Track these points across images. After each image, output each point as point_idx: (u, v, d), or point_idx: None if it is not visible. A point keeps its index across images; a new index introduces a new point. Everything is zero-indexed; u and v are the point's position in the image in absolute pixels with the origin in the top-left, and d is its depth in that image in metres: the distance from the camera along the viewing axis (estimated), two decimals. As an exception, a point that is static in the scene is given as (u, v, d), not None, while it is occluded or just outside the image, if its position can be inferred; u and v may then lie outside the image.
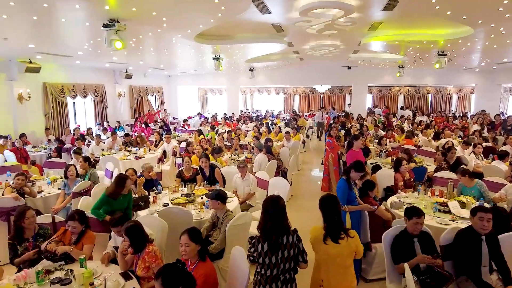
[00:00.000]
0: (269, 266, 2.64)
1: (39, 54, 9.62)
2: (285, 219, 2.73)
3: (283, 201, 2.84)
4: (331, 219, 2.88)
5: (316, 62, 16.41)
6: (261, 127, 11.73)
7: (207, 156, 5.94)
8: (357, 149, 6.30)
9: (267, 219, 2.70)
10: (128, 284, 2.85)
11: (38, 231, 3.52)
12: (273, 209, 2.72)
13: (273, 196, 2.91)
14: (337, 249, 2.81)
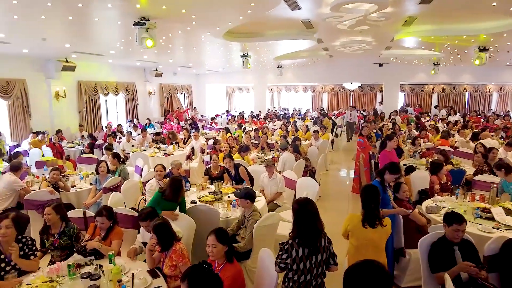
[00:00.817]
0: (303, 271, 2.56)
1: (74, 53, 9.97)
2: (319, 221, 2.66)
3: (314, 203, 2.74)
4: (369, 207, 3.14)
5: (346, 59, 15.99)
6: (288, 126, 11.58)
7: (230, 156, 5.89)
8: (391, 150, 6.04)
9: (301, 223, 2.61)
10: (155, 282, 2.84)
11: (64, 229, 3.51)
12: (307, 212, 2.63)
13: (303, 198, 2.80)
14: (375, 233, 3.10)
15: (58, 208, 3.53)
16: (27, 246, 3.08)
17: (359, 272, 1.57)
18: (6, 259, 2.91)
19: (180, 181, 4.17)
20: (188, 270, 2.18)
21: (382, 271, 1.54)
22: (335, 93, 21.67)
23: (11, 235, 2.92)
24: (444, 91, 19.34)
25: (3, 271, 2.88)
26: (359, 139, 7.57)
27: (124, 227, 3.80)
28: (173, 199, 4.05)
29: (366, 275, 1.54)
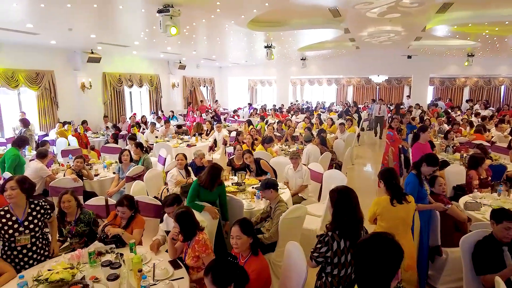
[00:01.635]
0: (344, 265, 2.39)
1: (100, 45, 10.07)
2: (360, 210, 2.50)
3: (355, 192, 2.57)
4: (393, 184, 3.18)
5: (373, 50, 15.43)
6: (311, 118, 11.29)
7: (249, 151, 5.71)
8: (424, 142, 5.69)
9: (342, 213, 2.43)
10: (177, 273, 2.72)
11: (79, 216, 3.47)
12: (348, 202, 2.47)
13: (343, 187, 2.61)
14: (404, 209, 3.12)
15: (75, 194, 3.51)
16: (43, 208, 3.04)
17: (371, 244, 1.51)
18: (18, 220, 2.87)
19: (219, 169, 3.87)
20: (212, 263, 2.03)
21: (394, 242, 1.50)
22: (360, 86, 21.08)
23: (17, 196, 2.85)
24: (477, 84, 18.38)
25: (17, 231, 2.85)
26: (389, 132, 7.22)
27: (146, 216, 3.71)
28: (208, 187, 3.80)
29: (379, 246, 1.48)
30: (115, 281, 2.42)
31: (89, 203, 4.02)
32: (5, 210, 2.88)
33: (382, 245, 1.48)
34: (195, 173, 5.26)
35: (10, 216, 2.86)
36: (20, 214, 2.90)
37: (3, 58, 8.89)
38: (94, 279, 2.57)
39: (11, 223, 2.84)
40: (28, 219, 2.93)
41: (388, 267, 1.45)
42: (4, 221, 2.83)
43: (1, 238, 2.85)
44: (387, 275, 1.45)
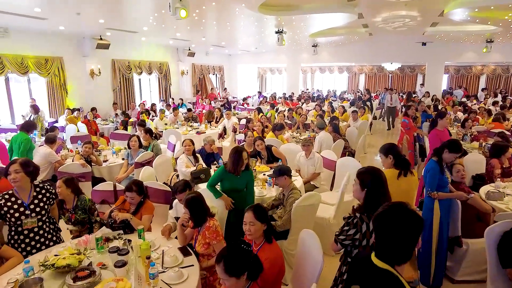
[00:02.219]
0: (372, 246, 2.25)
1: (108, 31, 9.94)
2: (388, 191, 2.40)
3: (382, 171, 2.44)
4: (401, 159, 3.30)
5: (386, 37, 15.02)
6: (323, 106, 11.06)
7: (261, 138, 5.56)
8: (442, 129, 5.42)
9: (377, 194, 2.30)
10: (186, 261, 2.61)
11: (77, 203, 3.38)
12: (379, 182, 2.34)
13: (372, 167, 2.47)
14: (406, 182, 3.23)
15: (69, 182, 3.38)
16: (48, 191, 2.98)
17: (394, 215, 1.53)
18: (24, 203, 2.82)
19: (240, 151, 3.61)
20: (225, 251, 1.91)
21: (413, 211, 1.52)
22: (373, 74, 20.64)
23: (21, 179, 2.78)
24: (495, 72, 17.79)
25: (23, 215, 2.79)
26: (404, 120, 6.99)
27: (156, 202, 3.62)
28: (233, 171, 3.61)
29: (401, 216, 1.51)
30: (123, 268, 2.33)
31: (97, 189, 3.94)
32: (10, 194, 2.81)
33: (403, 214, 1.50)
34: (205, 160, 5.16)
35: (15, 200, 2.79)
36: (25, 198, 2.84)
37: (12, 44, 8.83)
38: (101, 266, 2.49)
39: (16, 207, 2.78)
40: (34, 202, 2.86)
41: (411, 235, 1.48)
42: (9, 204, 2.76)
43: (7, 222, 2.80)
44: (410, 243, 1.49)
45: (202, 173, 4.46)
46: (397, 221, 1.49)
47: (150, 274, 2.24)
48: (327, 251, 3.96)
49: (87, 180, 4.82)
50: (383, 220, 1.53)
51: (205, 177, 4.46)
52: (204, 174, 4.47)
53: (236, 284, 1.89)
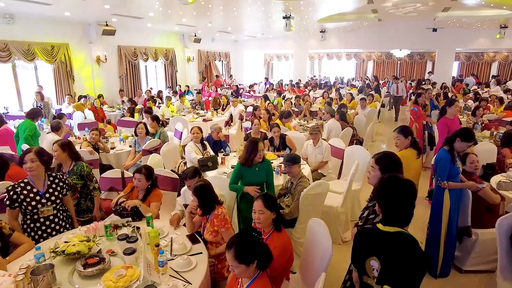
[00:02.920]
0: None
1: (114, 17, 9.84)
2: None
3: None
4: (415, 140, 3.49)
5: (395, 23, 14.71)
6: (330, 93, 10.93)
7: (278, 125, 5.51)
8: (452, 117, 5.30)
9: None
10: (195, 248, 2.62)
11: (73, 167, 3.45)
12: (397, 166, 2.35)
13: (388, 152, 2.47)
14: (419, 161, 3.53)
15: (64, 145, 3.47)
16: (61, 180, 3.03)
17: (392, 183, 1.77)
18: (39, 192, 2.87)
19: (256, 142, 3.40)
20: (236, 238, 1.90)
21: (406, 179, 1.79)
22: (381, 61, 20.33)
23: (37, 168, 2.84)
24: (507, 59, 17.38)
25: (39, 203, 2.85)
26: (413, 108, 6.88)
27: (163, 189, 3.62)
28: (245, 163, 3.42)
29: (398, 183, 1.77)
30: (132, 255, 2.34)
31: (105, 176, 3.96)
32: (25, 182, 2.85)
33: (401, 182, 1.76)
34: (212, 148, 5.15)
35: (30, 188, 2.83)
36: (40, 186, 2.88)
37: (18, 30, 8.80)
38: (110, 253, 2.50)
39: (32, 195, 2.83)
40: (49, 191, 2.92)
41: (411, 198, 1.73)
42: (25, 193, 2.81)
43: (22, 210, 2.84)
44: (411, 205, 1.72)
45: (210, 161, 4.45)
46: (398, 188, 1.73)
47: (159, 262, 2.24)
48: (335, 240, 3.97)
49: (94, 167, 4.82)
50: (387, 190, 1.75)
51: (212, 165, 4.46)
52: (212, 162, 4.46)
53: (245, 272, 1.89)
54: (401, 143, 3.49)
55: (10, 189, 2.78)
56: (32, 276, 2.11)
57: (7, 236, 2.59)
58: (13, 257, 2.50)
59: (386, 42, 16.36)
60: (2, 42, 8.44)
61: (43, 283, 2.13)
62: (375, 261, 1.71)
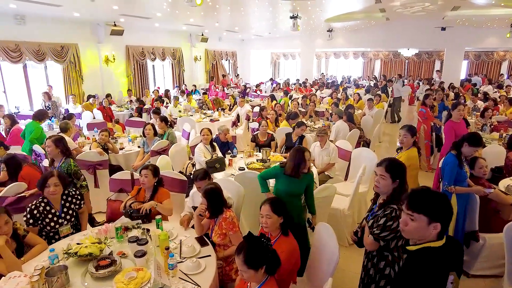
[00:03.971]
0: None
1: (122, 17, 9.93)
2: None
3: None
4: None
5: (403, 22, 14.61)
6: (337, 93, 10.90)
7: (304, 123, 5.55)
8: (457, 120, 5.26)
9: (404, 183, 2.30)
10: (204, 251, 2.67)
11: (61, 164, 3.54)
12: (405, 170, 2.33)
13: (395, 158, 2.44)
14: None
15: (58, 142, 3.54)
16: (73, 197, 3.11)
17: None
18: (57, 212, 2.96)
19: (303, 151, 3.15)
20: (245, 243, 1.94)
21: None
22: (388, 60, 20.19)
23: (59, 192, 2.95)
24: (517, 58, 17.16)
25: (57, 224, 2.95)
26: (421, 109, 6.84)
27: (172, 191, 3.66)
28: (293, 174, 3.14)
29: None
30: (142, 257, 2.40)
31: (115, 177, 4.02)
32: (45, 202, 2.92)
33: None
34: (220, 149, 5.19)
35: (49, 209, 2.93)
36: (57, 207, 2.98)
37: (28, 31, 8.93)
38: (121, 255, 2.56)
39: (51, 216, 2.93)
40: (64, 211, 3.02)
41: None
42: (45, 213, 2.90)
43: (39, 227, 2.89)
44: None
45: (217, 163, 4.50)
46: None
47: (169, 265, 2.30)
48: (342, 242, 3.99)
49: (104, 168, 4.90)
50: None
51: (220, 166, 4.50)
52: (219, 164, 4.50)
53: (254, 277, 1.94)
54: (407, 141, 3.67)
55: (33, 207, 2.86)
56: (47, 277, 2.18)
57: (22, 237, 2.66)
58: (28, 258, 2.56)
59: (393, 41, 16.25)
60: (13, 43, 8.58)
61: (57, 284, 2.20)
62: (452, 274, 1.67)
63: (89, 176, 4.81)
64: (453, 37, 14.70)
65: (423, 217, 1.61)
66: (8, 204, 3.42)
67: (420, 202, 1.64)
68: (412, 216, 1.63)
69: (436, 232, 1.62)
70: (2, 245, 2.37)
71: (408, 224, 1.67)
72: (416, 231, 1.66)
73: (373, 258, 2.35)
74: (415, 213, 1.62)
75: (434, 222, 1.60)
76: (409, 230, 1.68)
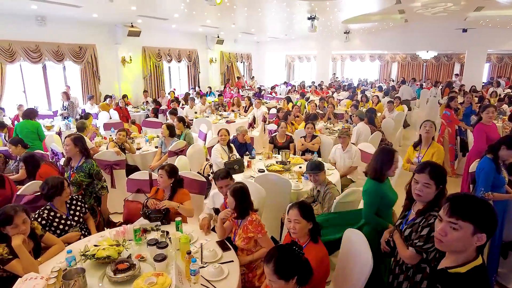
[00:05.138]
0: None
1: (140, 18, 9.95)
2: None
3: None
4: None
5: (423, 24, 14.27)
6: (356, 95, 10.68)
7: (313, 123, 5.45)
8: (488, 123, 5.00)
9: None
10: (226, 256, 2.53)
11: (82, 164, 3.44)
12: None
13: (432, 162, 2.16)
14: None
15: (77, 140, 3.45)
16: (78, 200, 3.10)
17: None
18: (64, 215, 2.94)
19: (393, 151, 2.75)
20: (276, 251, 1.80)
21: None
22: (406, 62, 19.77)
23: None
24: (542, 61, 16.56)
25: (67, 226, 2.93)
26: (446, 111, 6.58)
27: (191, 192, 3.55)
28: (383, 179, 2.72)
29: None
30: (163, 262, 2.27)
31: (132, 177, 3.94)
32: (48, 209, 2.89)
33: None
34: (238, 150, 5.07)
35: (54, 214, 2.89)
36: (64, 211, 2.97)
37: (48, 32, 9.02)
38: (140, 258, 2.45)
39: (58, 220, 2.89)
40: (71, 213, 3.00)
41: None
42: (51, 218, 2.86)
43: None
44: None
45: (236, 164, 4.37)
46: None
47: (192, 270, 2.17)
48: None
49: (121, 168, 4.84)
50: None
51: (239, 168, 4.37)
52: (238, 165, 4.38)
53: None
54: (431, 135, 3.79)
55: (37, 216, 2.80)
56: (64, 280, 2.08)
57: (39, 237, 2.59)
58: (45, 258, 2.49)
59: (412, 43, 15.88)
60: (34, 44, 8.68)
61: (74, 287, 2.10)
62: None
63: (106, 176, 4.74)
64: (475, 38, 14.25)
65: (468, 225, 1.40)
66: (25, 203, 3.36)
67: (466, 208, 1.42)
68: (455, 224, 1.42)
69: (479, 244, 1.42)
70: (19, 244, 2.31)
71: (448, 234, 1.44)
72: (456, 243, 1.44)
73: (408, 270, 2.17)
74: (459, 220, 1.41)
75: (479, 233, 1.39)
76: (448, 241, 1.45)
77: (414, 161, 4.03)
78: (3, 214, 2.30)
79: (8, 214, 2.30)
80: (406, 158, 4.21)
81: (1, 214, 2.31)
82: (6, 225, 2.30)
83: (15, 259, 2.29)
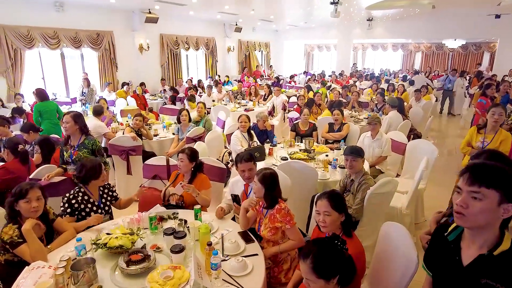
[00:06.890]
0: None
1: (157, 3, 9.74)
2: None
3: None
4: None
5: (451, 10, 13.51)
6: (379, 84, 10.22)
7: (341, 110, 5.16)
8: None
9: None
10: (249, 249, 2.28)
11: (83, 141, 3.38)
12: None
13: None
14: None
15: (77, 117, 3.37)
16: (110, 189, 2.97)
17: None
18: (96, 202, 2.80)
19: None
20: (314, 246, 1.53)
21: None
22: (430, 52, 18.93)
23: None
24: None
25: (96, 213, 2.76)
26: (481, 100, 6.13)
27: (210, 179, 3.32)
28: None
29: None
30: (180, 254, 2.04)
31: (149, 163, 3.74)
32: (83, 192, 2.74)
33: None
34: (258, 137, 4.81)
35: (88, 198, 2.75)
36: (96, 197, 2.82)
37: (66, 18, 8.93)
38: (155, 248, 2.23)
39: (90, 205, 2.75)
40: (102, 201, 2.85)
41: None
42: (85, 202, 2.72)
43: (75, 219, 2.69)
44: None
45: (257, 151, 4.11)
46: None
47: (213, 264, 1.93)
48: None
49: (137, 154, 4.66)
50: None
51: (260, 156, 4.12)
52: (259, 152, 4.12)
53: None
54: (502, 119, 3.59)
55: (71, 197, 2.67)
56: (73, 271, 1.88)
57: (51, 221, 2.42)
58: (55, 246, 2.32)
59: (438, 31, 15.10)
60: (52, 30, 8.61)
61: (83, 279, 1.90)
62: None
63: (122, 162, 4.58)
64: (509, 25, 13.39)
65: (493, 193, 1.19)
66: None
67: (490, 174, 1.21)
68: (477, 192, 1.21)
69: (506, 217, 1.22)
70: (29, 229, 2.15)
71: (470, 205, 1.23)
72: (481, 215, 1.22)
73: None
74: (483, 187, 1.19)
75: (506, 203, 1.19)
76: (471, 214, 1.23)
77: (476, 145, 3.67)
78: (19, 187, 2.24)
79: (24, 187, 2.22)
80: (466, 140, 3.85)
81: (17, 187, 2.24)
82: (20, 199, 2.19)
83: (25, 243, 2.15)
